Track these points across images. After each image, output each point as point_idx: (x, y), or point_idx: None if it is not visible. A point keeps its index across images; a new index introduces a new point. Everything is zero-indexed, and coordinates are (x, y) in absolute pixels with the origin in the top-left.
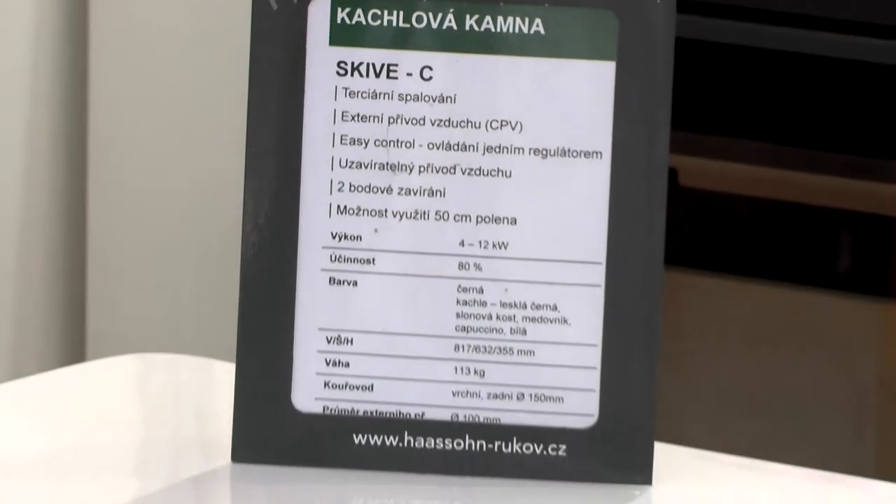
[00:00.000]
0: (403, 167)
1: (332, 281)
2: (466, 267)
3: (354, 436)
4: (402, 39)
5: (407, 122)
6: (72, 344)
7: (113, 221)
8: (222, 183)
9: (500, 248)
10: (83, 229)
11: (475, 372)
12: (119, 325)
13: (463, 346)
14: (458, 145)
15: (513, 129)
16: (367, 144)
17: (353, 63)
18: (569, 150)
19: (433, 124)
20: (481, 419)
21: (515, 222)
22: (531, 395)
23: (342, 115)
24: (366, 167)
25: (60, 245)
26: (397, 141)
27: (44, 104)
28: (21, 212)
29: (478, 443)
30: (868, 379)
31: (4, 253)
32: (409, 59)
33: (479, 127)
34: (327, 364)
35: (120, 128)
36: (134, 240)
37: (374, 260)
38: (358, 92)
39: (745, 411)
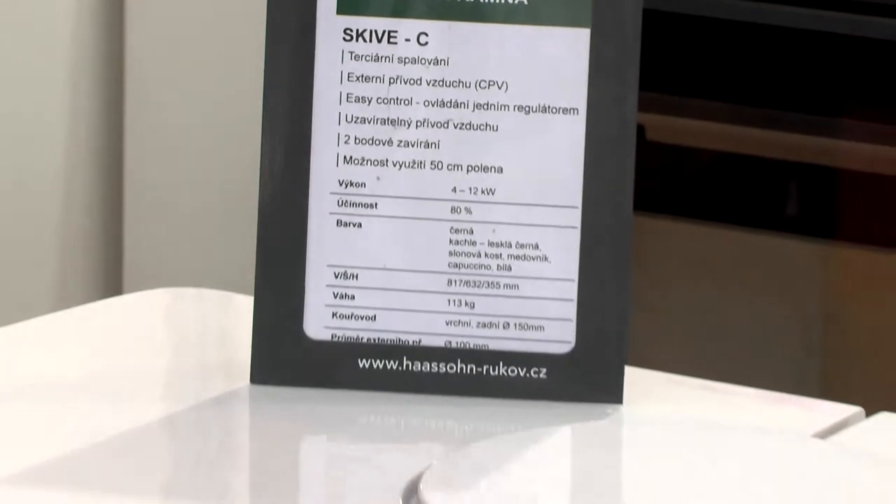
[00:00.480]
0: (402, 122)
1: (339, 223)
2: (458, 211)
3: (359, 360)
4: (401, 8)
5: (405, 83)
6: (110, 279)
7: (147, 167)
8: (248, 130)
9: (487, 193)
10: (120, 173)
11: (466, 304)
12: (153, 261)
13: (455, 281)
14: (450, 103)
15: (499, 88)
16: (370, 102)
17: (357, 30)
18: (549, 107)
19: (429, 84)
20: (471, 346)
21: (501, 171)
22: (515, 325)
23: (348, 76)
24: (369, 122)
25: (99, 189)
26: (397, 99)
27: (82, 44)
28: (65, 158)
29: (468, 366)
30: (814, 311)
31: (51, 197)
32: (407, 27)
33: (470, 87)
34: (335, 297)
35: (155, 74)
36: (167, 184)
37: (376, 204)
38: (362, 55)
39: (706, 340)
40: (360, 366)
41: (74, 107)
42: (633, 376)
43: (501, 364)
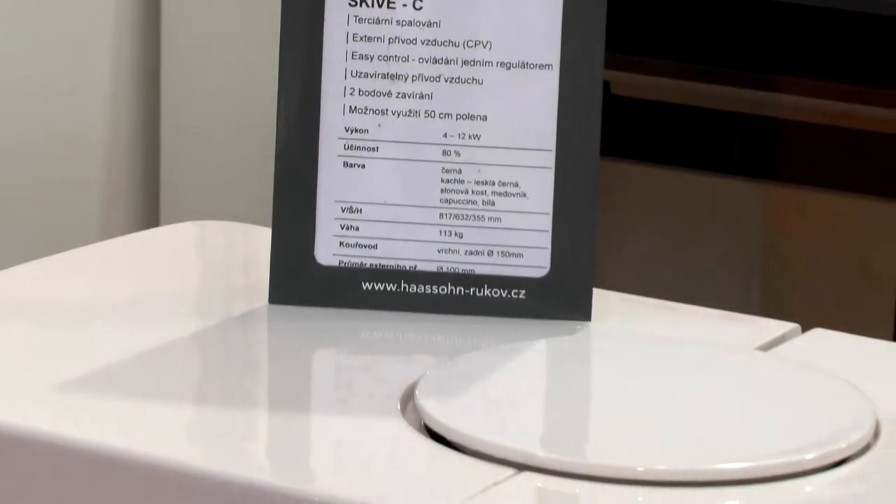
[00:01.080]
0: (400, 77)
1: (345, 164)
2: (448, 153)
3: (363, 283)
4: None
5: (403, 42)
6: (149, 214)
7: (181, 116)
8: (269, 85)
9: (474, 139)
10: (157, 122)
11: (455, 234)
12: (185, 197)
13: (446, 214)
14: (441, 60)
15: (484, 47)
16: (372, 59)
17: None
18: (527, 63)
19: (423, 44)
20: (460, 270)
21: (486, 119)
22: (498, 252)
23: (353, 37)
24: (371, 77)
25: (139, 136)
26: (395, 56)
27: None
28: (108, 105)
29: (457, 288)
30: (757, 243)
31: (97, 142)
32: None
33: (458, 46)
34: (342, 228)
35: (189, 36)
36: (198, 132)
37: (377, 148)
38: (365, 19)
39: (662, 269)
40: (364, 288)
41: (117, 52)
42: (600, 297)
43: (486, 286)
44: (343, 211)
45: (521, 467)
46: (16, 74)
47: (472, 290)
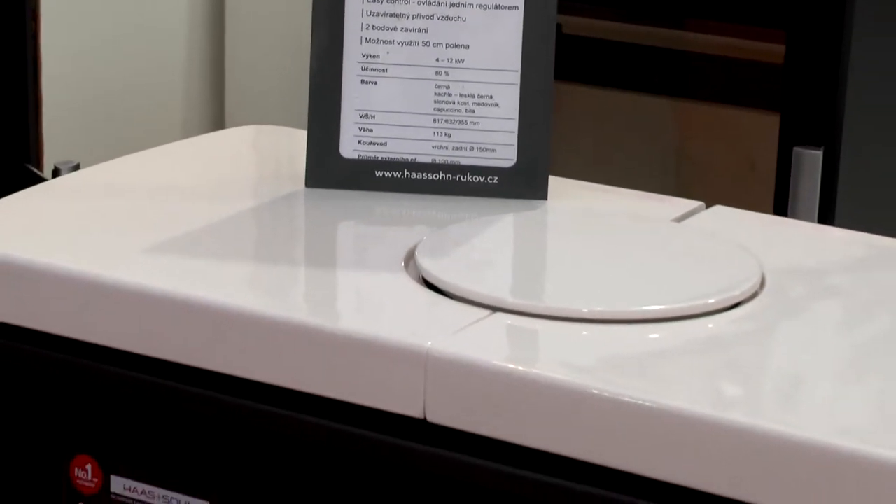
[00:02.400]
0: (403, 15)
1: (362, 81)
2: (440, 74)
3: (375, 172)
4: None
5: None
6: (216, 119)
7: (243, 42)
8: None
9: (459, 63)
10: (221, 44)
11: (445, 134)
12: (246, 104)
13: (438, 120)
14: (435, 2)
15: None
16: (382, 2)
17: None
18: (499, 6)
19: None
20: (448, 161)
21: (468, 47)
22: (477, 148)
23: None
24: (381, 16)
25: (208, 55)
26: (399, 1)
27: None
28: (179, 24)
29: (447, 175)
30: (670, 146)
31: (174, 58)
32: None
33: None
34: (360, 130)
35: None
36: (257, 53)
37: (387, 69)
38: None
39: (600, 163)
40: (377, 175)
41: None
42: (554, 183)
43: (468, 174)
44: (360, 117)
45: (494, 309)
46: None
47: (457, 176)
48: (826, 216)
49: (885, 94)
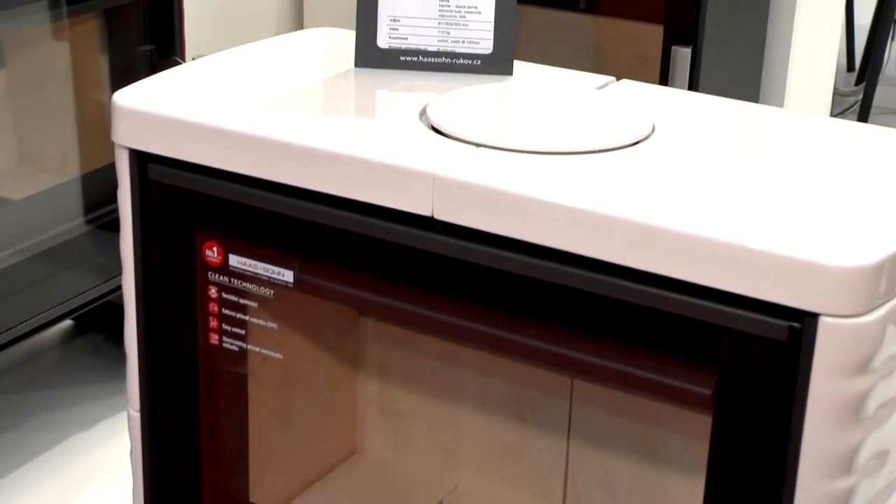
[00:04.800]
0: None
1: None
2: None
3: (400, 57)
4: None
5: None
6: (294, 24)
7: None
8: None
9: None
10: None
11: (446, 32)
12: (317, 12)
13: (441, 23)
14: None
15: None
16: None
17: None
18: None
19: None
20: (448, 50)
21: None
22: (467, 41)
23: None
24: None
25: None
26: None
27: None
28: None
29: (447, 59)
30: (591, 49)
31: None
32: None
33: None
34: (390, 29)
35: None
36: None
37: None
38: None
39: (546, 54)
40: (401, 59)
41: None
42: (516, 65)
43: (461, 58)
44: (390, 20)
45: (478, 145)
46: None
47: (454, 60)
48: (693, 90)
49: (734, 11)
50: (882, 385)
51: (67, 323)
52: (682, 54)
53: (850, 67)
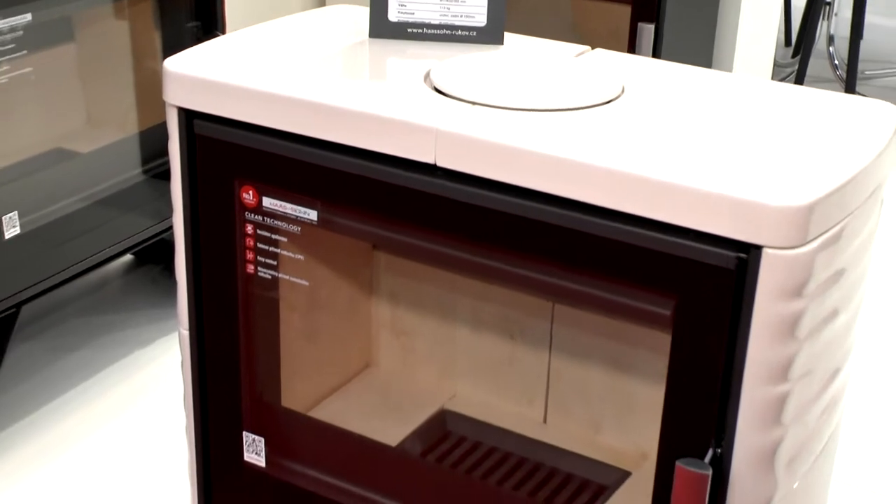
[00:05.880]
0: None
1: None
2: None
3: (408, 29)
4: None
5: None
6: (318, 3)
7: None
8: None
9: None
10: None
11: (447, 8)
12: None
13: (443, 0)
14: None
15: None
16: None
17: None
18: None
19: None
20: (449, 23)
21: None
22: (465, 16)
23: None
24: None
25: None
26: None
27: None
28: None
29: (448, 31)
30: (568, 24)
31: None
32: None
33: None
34: (399, 5)
35: None
36: None
37: None
38: None
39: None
40: (408, 31)
41: None
42: (507, 36)
43: (459, 30)
44: (399, 3)
45: (474, 104)
46: None
47: (453, 32)
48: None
49: None
50: (814, 307)
51: (128, 257)
52: (647, 30)
53: (788, 42)
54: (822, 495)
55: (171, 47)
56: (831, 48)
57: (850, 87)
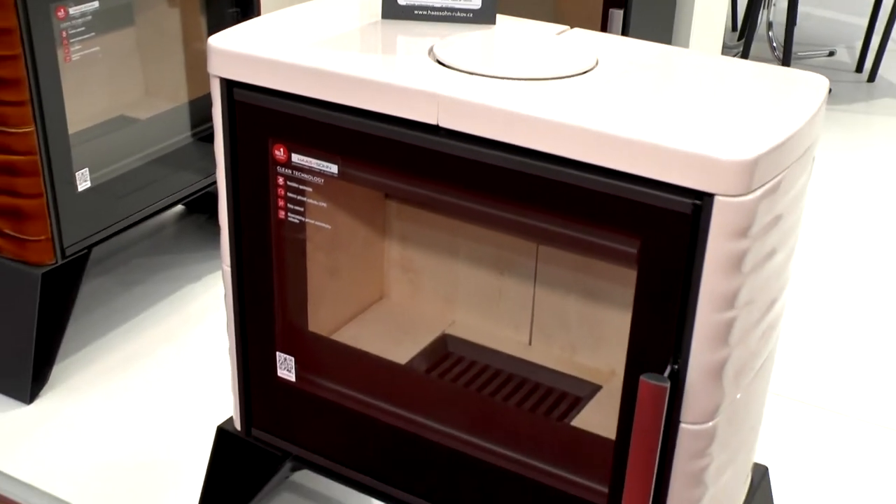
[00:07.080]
0: None
1: None
2: None
3: (415, 11)
4: None
5: None
6: None
7: None
8: None
9: None
10: None
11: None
12: None
13: None
14: None
15: None
16: None
17: None
18: None
19: None
20: (450, 6)
21: None
22: (465, 0)
23: None
24: None
25: None
26: None
27: None
28: None
29: (449, 13)
30: (550, 8)
31: None
32: None
33: None
34: None
35: None
36: None
37: None
38: None
39: (524, 11)
40: (415, 13)
41: None
42: (498, 17)
43: (458, 12)
44: None
45: (471, 74)
46: None
47: (454, 13)
48: None
49: None
50: (756, 246)
51: (180, 207)
52: (617, 14)
53: (734, 27)
54: (760, 403)
55: (215, 29)
56: (770, 33)
57: (785, 65)
